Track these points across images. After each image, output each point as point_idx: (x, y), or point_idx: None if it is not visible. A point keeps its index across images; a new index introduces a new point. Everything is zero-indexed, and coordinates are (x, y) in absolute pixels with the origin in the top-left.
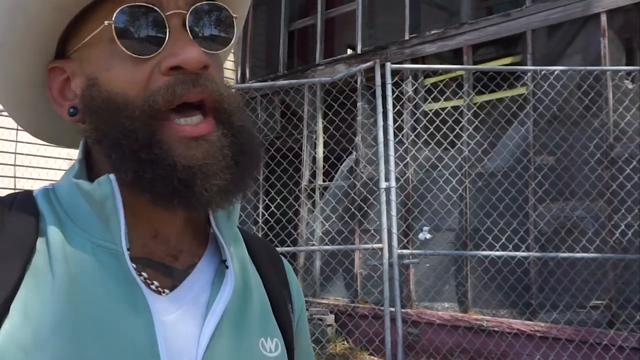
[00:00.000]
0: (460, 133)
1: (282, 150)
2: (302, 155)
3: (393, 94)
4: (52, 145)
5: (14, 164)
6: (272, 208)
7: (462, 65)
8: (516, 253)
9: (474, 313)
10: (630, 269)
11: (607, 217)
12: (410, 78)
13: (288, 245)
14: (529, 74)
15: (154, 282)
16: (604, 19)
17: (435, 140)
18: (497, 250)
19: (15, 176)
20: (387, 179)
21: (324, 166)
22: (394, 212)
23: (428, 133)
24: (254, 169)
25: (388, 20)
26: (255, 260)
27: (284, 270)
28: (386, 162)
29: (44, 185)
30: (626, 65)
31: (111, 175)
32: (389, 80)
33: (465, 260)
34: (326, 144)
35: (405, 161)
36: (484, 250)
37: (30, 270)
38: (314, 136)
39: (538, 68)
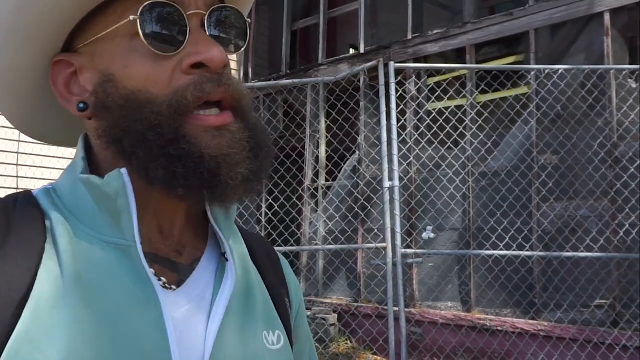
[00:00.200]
0: (464, 132)
1: (286, 149)
2: (305, 155)
3: (396, 93)
4: (55, 146)
5: (17, 164)
6: (276, 207)
7: (465, 64)
8: (520, 252)
9: (477, 312)
10: (635, 268)
11: (611, 216)
12: (413, 77)
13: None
14: (532, 73)
15: (162, 278)
16: (607, 18)
17: (438, 139)
18: (501, 249)
19: (17, 176)
20: (391, 179)
21: (327, 165)
22: (397, 212)
23: (431, 132)
24: (269, 165)
25: (391, 19)
26: (253, 257)
27: (281, 267)
28: (390, 162)
29: (42, 186)
30: (630, 64)
31: (122, 170)
32: (392, 79)
33: (469, 260)
34: (329, 143)
35: (408, 160)
36: (487, 249)
37: (41, 270)
38: (317, 136)
39: (542, 67)
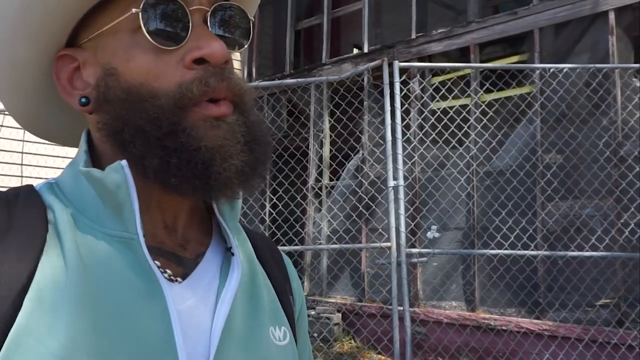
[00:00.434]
0: (468, 131)
1: (290, 149)
2: (309, 154)
3: (401, 93)
4: (59, 145)
5: (21, 164)
6: (280, 207)
7: (469, 63)
8: (525, 252)
9: (481, 312)
10: None
11: (617, 215)
12: (417, 76)
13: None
14: (537, 72)
15: (167, 271)
16: (612, 16)
17: (443, 138)
18: (506, 248)
19: (22, 175)
20: (395, 178)
21: (331, 165)
22: (402, 211)
23: (436, 131)
24: (266, 163)
25: (394, 19)
26: (258, 254)
27: (284, 265)
28: (394, 161)
29: (45, 180)
30: (634, 63)
31: (123, 162)
32: (397, 78)
33: (474, 259)
34: (333, 142)
35: (413, 160)
36: (492, 248)
37: (43, 261)
38: (321, 135)
39: (547, 66)
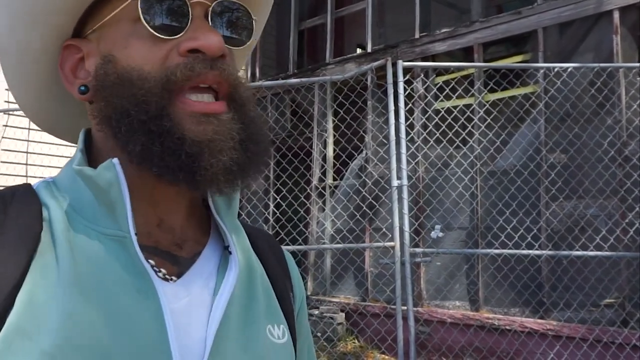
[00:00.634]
0: (472, 131)
1: (293, 148)
2: (313, 154)
3: (404, 92)
4: (64, 144)
5: (26, 164)
6: (284, 206)
7: (473, 63)
8: (529, 251)
9: (485, 312)
10: None
11: (621, 215)
12: (421, 76)
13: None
14: (541, 72)
15: (162, 270)
16: (616, 16)
17: (447, 138)
18: (510, 248)
19: (27, 175)
20: (399, 177)
21: (335, 164)
22: (406, 211)
23: (440, 131)
24: (261, 161)
25: (398, 19)
26: (257, 251)
27: (285, 261)
28: (398, 161)
29: (42, 179)
30: (639, 62)
31: (114, 160)
32: (400, 78)
33: (477, 259)
34: (337, 142)
35: (416, 159)
36: (496, 248)
37: (36, 260)
38: (325, 135)
39: (551, 65)
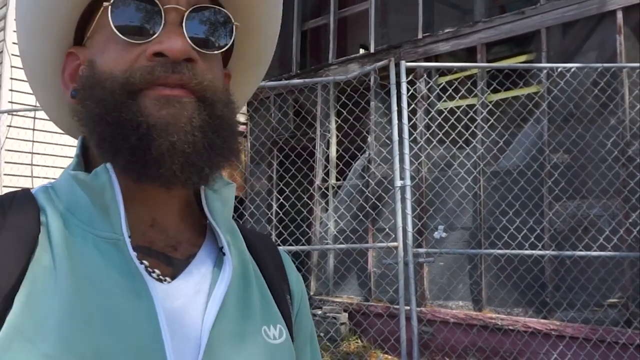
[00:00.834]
0: (475, 131)
1: (296, 149)
2: (316, 154)
3: (407, 93)
4: (68, 145)
5: (31, 164)
6: (287, 207)
7: (476, 63)
8: (532, 251)
9: (488, 312)
10: None
11: (624, 215)
12: (424, 76)
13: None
14: (544, 72)
15: (155, 270)
16: (619, 16)
17: (450, 138)
18: (513, 248)
19: (32, 176)
20: (402, 178)
21: (338, 165)
22: (409, 211)
23: (443, 131)
24: (223, 154)
25: (401, 19)
26: (253, 252)
27: (281, 263)
28: (401, 161)
29: (42, 184)
30: None
31: (108, 165)
32: (403, 78)
33: (481, 259)
34: (340, 142)
35: (420, 160)
36: (499, 248)
37: (33, 262)
38: (328, 135)
39: (554, 65)
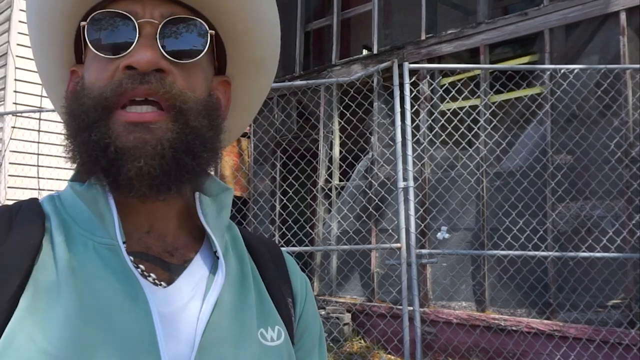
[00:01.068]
0: (478, 132)
1: (300, 150)
2: (319, 155)
3: (410, 94)
4: None
5: (37, 165)
6: (290, 208)
7: (479, 64)
8: (535, 252)
9: (492, 312)
10: None
11: (628, 216)
12: (427, 78)
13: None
14: (547, 73)
15: (151, 275)
16: (623, 17)
17: (453, 139)
18: (516, 249)
19: (38, 177)
20: (405, 179)
21: (341, 166)
22: (411, 212)
23: (446, 133)
24: (195, 171)
25: (404, 20)
26: (254, 256)
27: (285, 267)
28: (404, 162)
29: (50, 194)
30: None
31: (101, 176)
32: (406, 80)
33: (484, 260)
34: (343, 143)
35: (422, 161)
36: (502, 249)
37: (37, 265)
38: (331, 136)
39: (557, 67)
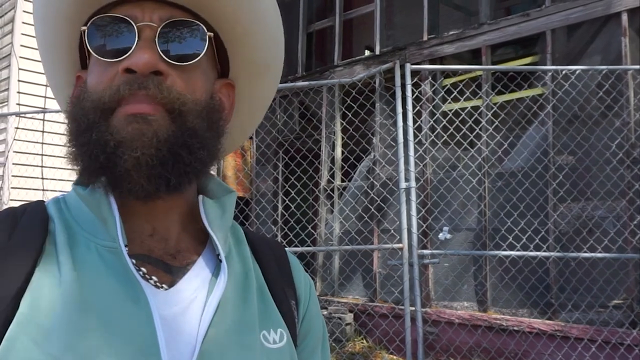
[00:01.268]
0: (480, 133)
1: (302, 150)
2: (321, 156)
3: (412, 95)
4: None
5: (42, 166)
6: (292, 208)
7: (481, 65)
8: (537, 253)
9: (493, 312)
10: None
11: (629, 217)
12: (429, 79)
13: (308, 245)
14: (549, 74)
15: (153, 277)
16: (625, 18)
17: (454, 140)
18: (518, 250)
19: (42, 177)
20: (407, 179)
21: (343, 166)
22: (413, 212)
23: (448, 133)
24: (192, 166)
25: (406, 21)
26: (258, 257)
27: (289, 268)
28: (406, 163)
29: (55, 196)
30: None
31: (104, 179)
32: (408, 81)
33: (485, 260)
34: (345, 144)
35: (424, 161)
36: (504, 250)
37: (39, 269)
38: (333, 137)
39: (559, 68)
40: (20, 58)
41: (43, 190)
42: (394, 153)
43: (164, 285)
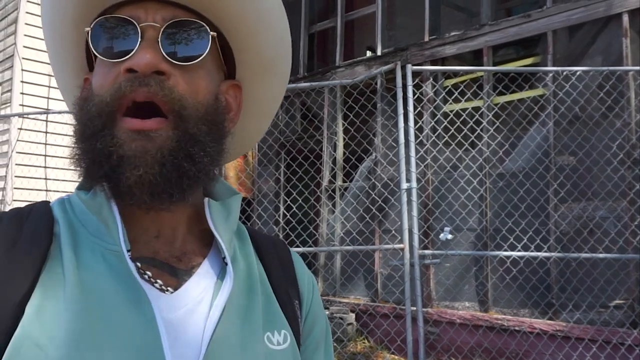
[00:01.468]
0: (481, 134)
1: (304, 151)
2: (323, 156)
3: (413, 96)
4: None
5: (45, 166)
6: (294, 209)
7: (482, 66)
8: (538, 253)
9: (494, 312)
10: None
11: (630, 217)
12: (430, 79)
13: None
14: (550, 75)
15: (158, 281)
16: (625, 19)
17: (455, 141)
18: (519, 250)
19: (46, 178)
20: (408, 180)
21: (345, 167)
22: (415, 213)
23: (449, 134)
24: (196, 177)
25: (408, 22)
26: (262, 258)
27: (292, 268)
28: (407, 163)
29: (60, 197)
30: None
31: (106, 185)
32: (409, 81)
33: (486, 260)
34: (347, 145)
35: (426, 162)
36: (505, 250)
37: (45, 272)
38: (335, 137)
39: (560, 69)
40: (23, 59)
41: (46, 190)
42: (395, 154)
43: (169, 289)
